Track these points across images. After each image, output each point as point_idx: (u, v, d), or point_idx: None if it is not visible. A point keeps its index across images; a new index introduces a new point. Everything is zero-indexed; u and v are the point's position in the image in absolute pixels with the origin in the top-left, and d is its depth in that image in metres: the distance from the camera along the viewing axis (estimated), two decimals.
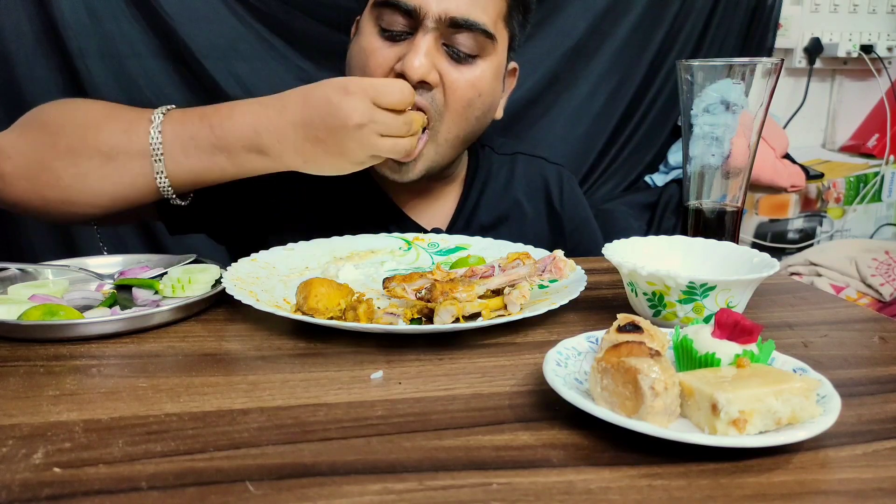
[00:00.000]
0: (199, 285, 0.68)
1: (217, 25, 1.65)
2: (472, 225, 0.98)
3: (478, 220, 0.99)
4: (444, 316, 0.59)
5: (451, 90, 0.83)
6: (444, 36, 0.81)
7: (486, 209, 1.00)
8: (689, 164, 0.78)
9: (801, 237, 2.38)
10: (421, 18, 0.79)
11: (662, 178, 2.20)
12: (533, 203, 1.03)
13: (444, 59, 0.82)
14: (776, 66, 0.74)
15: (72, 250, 1.58)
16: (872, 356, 0.59)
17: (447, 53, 0.82)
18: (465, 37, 0.81)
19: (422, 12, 0.79)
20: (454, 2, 0.79)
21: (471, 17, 0.80)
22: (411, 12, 0.79)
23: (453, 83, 0.82)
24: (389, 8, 0.80)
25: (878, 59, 2.49)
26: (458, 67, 0.83)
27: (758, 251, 0.67)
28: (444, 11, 0.79)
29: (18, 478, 0.38)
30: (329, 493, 0.37)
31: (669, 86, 2.17)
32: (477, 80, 0.84)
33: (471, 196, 0.99)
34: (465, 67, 0.83)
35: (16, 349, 0.57)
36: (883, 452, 0.42)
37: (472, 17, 0.80)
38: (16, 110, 1.49)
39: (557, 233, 1.04)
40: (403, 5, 0.79)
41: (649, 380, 0.41)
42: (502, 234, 0.96)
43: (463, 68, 0.83)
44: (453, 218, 0.98)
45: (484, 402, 0.48)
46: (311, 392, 0.50)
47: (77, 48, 1.55)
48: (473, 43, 0.82)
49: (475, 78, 0.84)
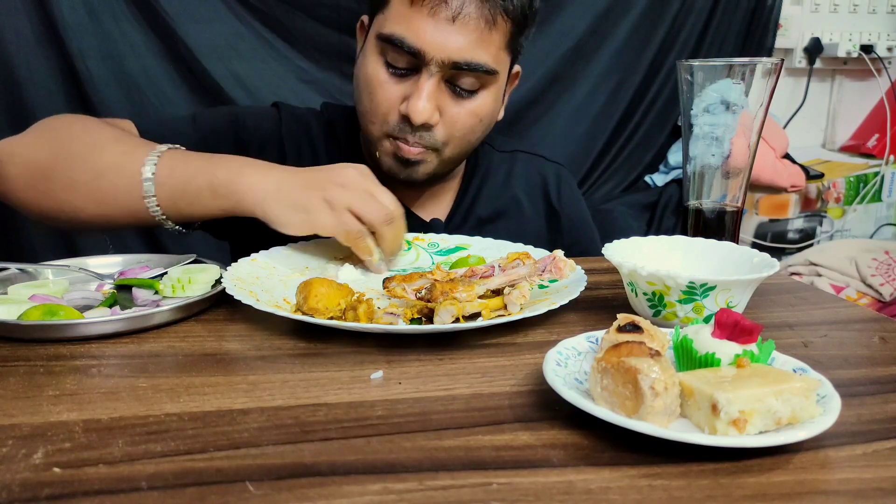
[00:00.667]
0: (199, 285, 0.68)
1: (217, 25, 1.65)
2: (471, 218, 0.99)
3: (476, 214, 0.99)
4: (444, 316, 0.59)
5: (451, 125, 0.85)
6: (446, 76, 0.82)
7: (485, 204, 1.00)
8: (689, 164, 0.78)
9: (801, 237, 2.38)
10: (425, 62, 0.80)
11: (662, 178, 2.20)
12: (531, 200, 1.04)
13: (446, 96, 0.84)
14: (776, 66, 0.74)
15: (72, 250, 1.58)
16: (872, 356, 0.59)
17: (449, 90, 0.84)
18: (467, 77, 0.83)
19: (426, 57, 0.80)
20: (456, 45, 0.80)
21: (473, 59, 0.81)
22: (415, 54, 0.80)
23: (454, 117, 0.84)
24: (393, 45, 0.80)
25: (878, 59, 2.49)
26: (460, 102, 0.84)
27: (758, 251, 0.67)
28: (446, 57, 0.80)
29: (18, 478, 0.38)
30: (329, 493, 0.37)
31: (669, 86, 2.17)
32: (477, 109, 0.86)
33: (469, 190, 1.00)
34: (465, 101, 0.85)
35: (16, 349, 0.57)
36: (883, 452, 0.42)
37: (475, 59, 0.81)
38: (16, 110, 1.50)
39: (555, 230, 1.04)
40: (407, 48, 0.79)
41: (649, 380, 0.41)
42: (500, 228, 0.97)
43: (464, 102, 0.85)
44: (452, 211, 0.99)
45: (484, 402, 0.48)
46: (311, 392, 0.50)
47: (77, 49, 1.55)
48: (475, 80, 0.83)
49: (475, 107, 0.86)
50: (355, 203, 0.72)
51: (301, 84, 1.79)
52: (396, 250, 0.78)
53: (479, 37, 0.81)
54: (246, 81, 1.72)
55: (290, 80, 1.79)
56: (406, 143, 0.84)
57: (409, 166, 0.87)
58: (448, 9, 0.78)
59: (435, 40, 0.79)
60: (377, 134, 0.86)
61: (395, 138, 0.85)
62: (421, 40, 0.79)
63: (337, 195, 0.72)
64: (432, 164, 0.88)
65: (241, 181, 0.73)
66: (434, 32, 0.79)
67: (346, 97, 1.79)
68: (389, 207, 0.74)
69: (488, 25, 0.81)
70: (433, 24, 0.79)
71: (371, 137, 0.87)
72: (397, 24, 0.80)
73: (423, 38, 0.79)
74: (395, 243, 0.76)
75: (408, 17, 0.79)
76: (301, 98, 1.72)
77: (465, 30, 0.79)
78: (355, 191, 0.73)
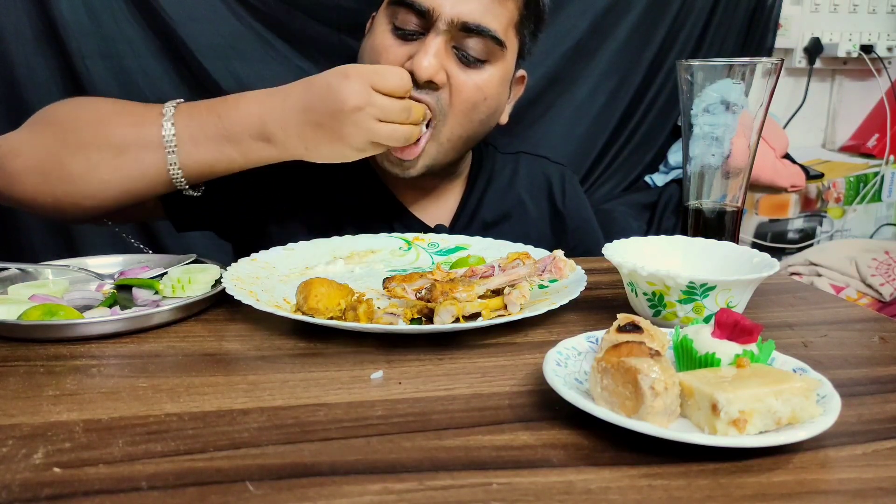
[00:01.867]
0: (199, 285, 0.68)
1: (217, 25, 1.65)
2: (475, 222, 0.99)
3: (481, 217, 0.99)
4: (444, 316, 0.59)
5: (457, 91, 0.84)
6: (454, 39, 0.82)
7: (489, 207, 1.00)
8: (689, 164, 0.78)
9: (801, 237, 2.38)
10: (433, 20, 0.80)
11: (662, 178, 2.20)
12: (536, 202, 1.04)
13: (453, 62, 0.83)
14: (776, 66, 0.74)
15: (72, 250, 1.58)
16: (872, 356, 0.59)
17: (456, 56, 0.83)
18: (476, 41, 0.83)
19: (435, 14, 0.80)
20: (467, 6, 0.80)
21: (482, 22, 0.81)
22: (425, 13, 0.80)
23: (460, 85, 0.84)
24: (404, 7, 0.81)
25: (878, 59, 2.49)
26: (466, 70, 0.84)
27: (758, 251, 0.67)
28: (456, 15, 0.80)
29: (18, 478, 0.38)
30: (329, 493, 0.37)
31: (669, 86, 2.17)
32: (484, 84, 0.85)
33: (474, 193, 1.00)
34: (472, 71, 0.84)
35: (16, 349, 0.57)
36: (883, 452, 0.42)
37: (484, 23, 0.81)
38: (16, 110, 1.50)
39: (560, 232, 1.04)
40: (418, 6, 0.80)
41: (649, 380, 0.41)
42: (505, 231, 0.96)
43: (471, 71, 0.84)
44: (456, 215, 0.98)
45: (484, 402, 0.48)
46: (311, 392, 0.50)
47: (77, 48, 1.55)
48: (483, 48, 0.83)
49: (482, 81, 0.85)
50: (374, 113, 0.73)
51: None
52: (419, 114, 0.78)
53: (491, 4, 0.82)
54: (246, 81, 1.71)
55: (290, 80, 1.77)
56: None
57: (407, 159, 0.85)
58: None
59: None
60: None
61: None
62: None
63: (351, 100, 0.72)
64: (430, 153, 0.86)
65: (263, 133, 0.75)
66: None
67: None
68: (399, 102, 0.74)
69: None
70: None
71: None
72: None
73: None
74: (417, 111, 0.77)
75: None
76: None
77: None
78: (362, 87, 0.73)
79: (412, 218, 0.95)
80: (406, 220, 0.95)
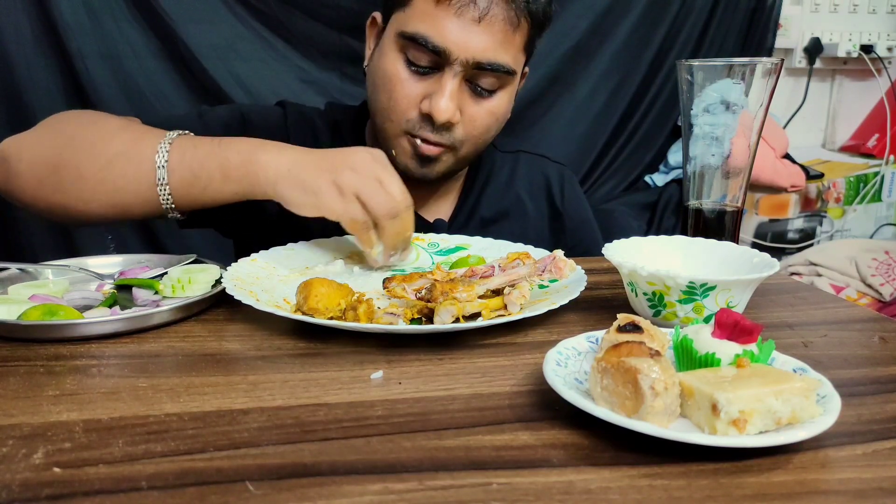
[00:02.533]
0: (199, 285, 0.68)
1: (217, 25, 1.65)
2: (474, 219, 0.99)
3: (479, 215, 0.99)
4: (444, 316, 0.59)
5: (470, 124, 0.85)
6: (467, 74, 0.82)
7: (488, 204, 1.01)
8: (689, 164, 0.78)
9: (801, 237, 2.38)
10: (449, 61, 0.80)
11: (662, 178, 2.20)
12: (535, 201, 1.04)
13: (467, 96, 0.84)
14: (776, 66, 0.74)
15: (72, 250, 1.58)
16: (872, 356, 0.59)
17: (469, 89, 0.84)
18: (488, 76, 0.83)
19: (451, 56, 0.80)
20: (480, 45, 0.80)
21: (496, 59, 0.81)
22: (440, 53, 0.80)
23: (472, 117, 0.85)
24: (416, 44, 0.80)
25: (878, 59, 2.49)
26: (479, 101, 0.85)
27: (758, 251, 0.67)
28: (471, 56, 0.80)
29: (18, 478, 0.38)
30: (329, 493, 0.37)
31: (669, 86, 2.17)
32: (495, 109, 0.87)
33: (473, 191, 1.00)
34: (485, 101, 0.85)
35: (16, 349, 0.57)
36: (883, 452, 0.42)
37: (497, 60, 0.81)
38: (15, 110, 1.50)
39: (559, 231, 1.05)
40: (432, 46, 0.79)
41: (649, 380, 0.41)
42: (504, 228, 0.97)
43: (483, 101, 0.85)
44: (455, 211, 0.99)
45: (484, 402, 0.48)
46: (311, 392, 0.50)
47: (76, 48, 1.55)
48: (495, 80, 0.84)
49: (494, 107, 0.86)
50: (363, 190, 0.71)
51: (301, 84, 1.79)
52: (399, 245, 0.77)
53: (504, 38, 0.81)
54: (246, 81, 1.72)
55: (290, 80, 1.79)
56: (426, 142, 0.84)
57: (426, 164, 0.87)
58: (475, 9, 0.79)
59: (460, 40, 0.79)
60: (395, 131, 0.86)
61: (414, 136, 0.85)
62: (446, 40, 0.79)
63: (347, 179, 0.71)
64: (448, 162, 0.88)
65: (253, 162, 0.73)
66: (459, 32, 0.79)
67: (346, 97, 1.79)
68: (396, 199, 0.73)
69: (512, 27, 0.81)
70: (459, 23, 0.79)
71: (387, 134, 0.87)
72: (421, 23, 0.80)
73: (449, 38, 0.79)
74: (398, 238, 0.76)
75: (433, 15, 0.79)
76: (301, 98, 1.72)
77: (491, 30, 0.80)
78: (365, 177, 0.72)
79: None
80: None
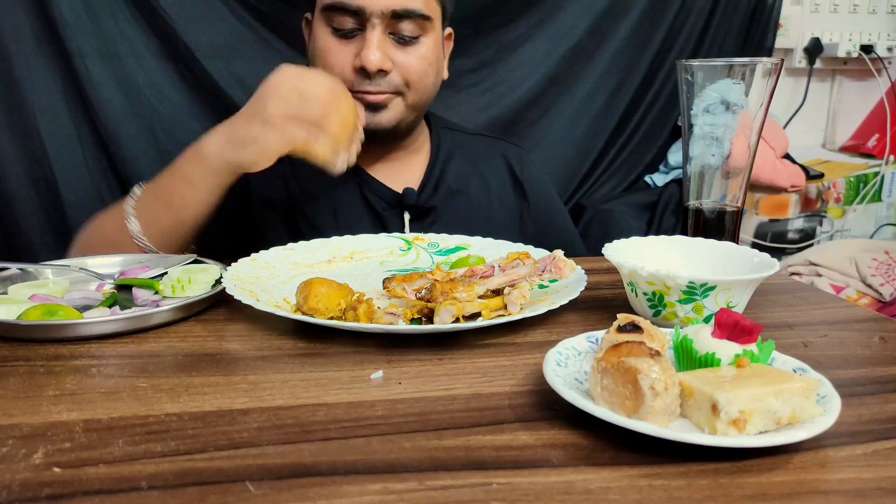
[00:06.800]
0: (199, 285, 0.68)
1: (217, 25, 1.65)
2: (441, 187, 1.06)
3: (446, 184, 1.07)
4: (444, 316, 0.59)
5: (405, 70, 0.94)
6: (388, 27, 0.91)
7: (454, 176, 1.08)
8: (689, 164, 0.78)
9: (801, 237, 2.38)
10: (367, 16, 0.89)
11: (662, 178, 2.20)
12: (497, 174, 1.12)
13: (393, 46, 0.93)
14: (776, 66, 0.74)
15: None
16: (872, 356, 0.59)
17: (394, 40, 0.93)
18: (407, 23, 0.92)
19: (367, 11, 0.89)
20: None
21: (408, 6, 0.90)
22: (357, 12, 0.89)
23: (405, 63, 0.94)
24: (337, 10, 0.90)
25: (878, 59, 2.49)
26: (406, 49, 0.94)
27: (758, 251, 0.67)
28: (385, 7, 0.89)
29: (18, 478, 0.38)
30: (329, 493, 0.37)
31: (669, 86, 2.16)
32: (424, 55, 0.95)
33: (437, 163, 1.08)
34: (411, 48, 0.94)
35: (16, 349, 0.57)
36: (883, 452, 0.42)
37: (410, 6, 0.91)
38: (15, 110, 1.50)
39: (521, 197, 1.12)
40: (349, 7, 0.89)
41: (649, 380, 0.41)
42: (472, 196, 1.07)
43: (410, 49, 0.94)
44: (423, 181, 1.05)
45: (484, 402, 0.48)
46: (311, 392, 0.50)
47: (76, 48, 1.55)
48: (414, 26, 0.93)
49: (422, 54, 0.95)
50: (289, 109, 0.79)
51: None
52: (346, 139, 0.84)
53: None
54: (246, 81, 1.71)
55: None
56: (369, 93, 0.92)
57: (378, 111, 0.94)
58: None
59: None
60: None
61: (358, 92, 0.92)
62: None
63: (272, 109, 0.79)
64: (399, 107, 0.95)
65: (200, 155, 0.82)
66: None
67: None
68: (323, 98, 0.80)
69: None
70: None
71: None
72: None
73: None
74: (344, 130, 0.83)
75: None
76: None
77: None
78: (287, 96, 0.79)
79: (379, 185, 1.02)
80: (373, 188, 1.02)
